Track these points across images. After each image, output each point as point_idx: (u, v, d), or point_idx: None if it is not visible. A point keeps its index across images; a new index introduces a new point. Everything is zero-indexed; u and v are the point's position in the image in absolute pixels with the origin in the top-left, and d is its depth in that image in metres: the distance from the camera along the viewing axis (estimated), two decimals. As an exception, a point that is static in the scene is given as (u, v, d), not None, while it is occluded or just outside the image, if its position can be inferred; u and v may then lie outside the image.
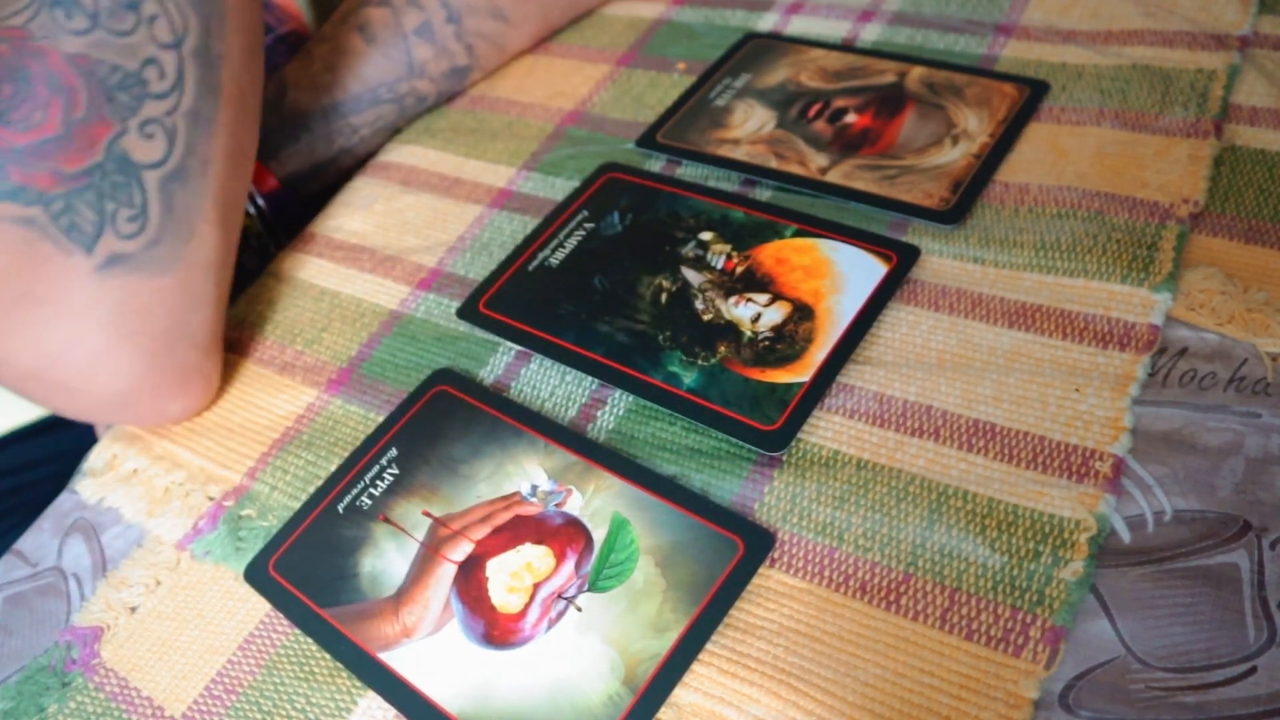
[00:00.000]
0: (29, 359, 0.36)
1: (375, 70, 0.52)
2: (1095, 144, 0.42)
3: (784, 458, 0.34)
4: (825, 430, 0.34)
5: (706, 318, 0.38)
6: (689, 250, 0.41)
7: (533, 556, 0.33)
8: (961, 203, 0.40)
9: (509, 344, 0.41)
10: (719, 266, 0.40)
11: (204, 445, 0.41)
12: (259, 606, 0.35)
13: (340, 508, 0.36)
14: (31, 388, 0.38)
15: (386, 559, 0.34)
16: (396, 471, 0.36)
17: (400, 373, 0.41)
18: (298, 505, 0.37)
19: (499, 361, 0.40)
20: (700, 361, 0.37)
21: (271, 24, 0.63)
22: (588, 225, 0.44)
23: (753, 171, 0.44)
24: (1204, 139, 0.40)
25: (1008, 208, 0.40)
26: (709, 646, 0.30)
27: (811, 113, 0.46)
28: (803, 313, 0.37)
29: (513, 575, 0.32)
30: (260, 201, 0.51)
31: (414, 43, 0.52)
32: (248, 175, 0.40)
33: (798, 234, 0.41)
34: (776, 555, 0.32)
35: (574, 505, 0.34)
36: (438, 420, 0.38)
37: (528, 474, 0.35)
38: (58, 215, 0.35)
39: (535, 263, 0.43)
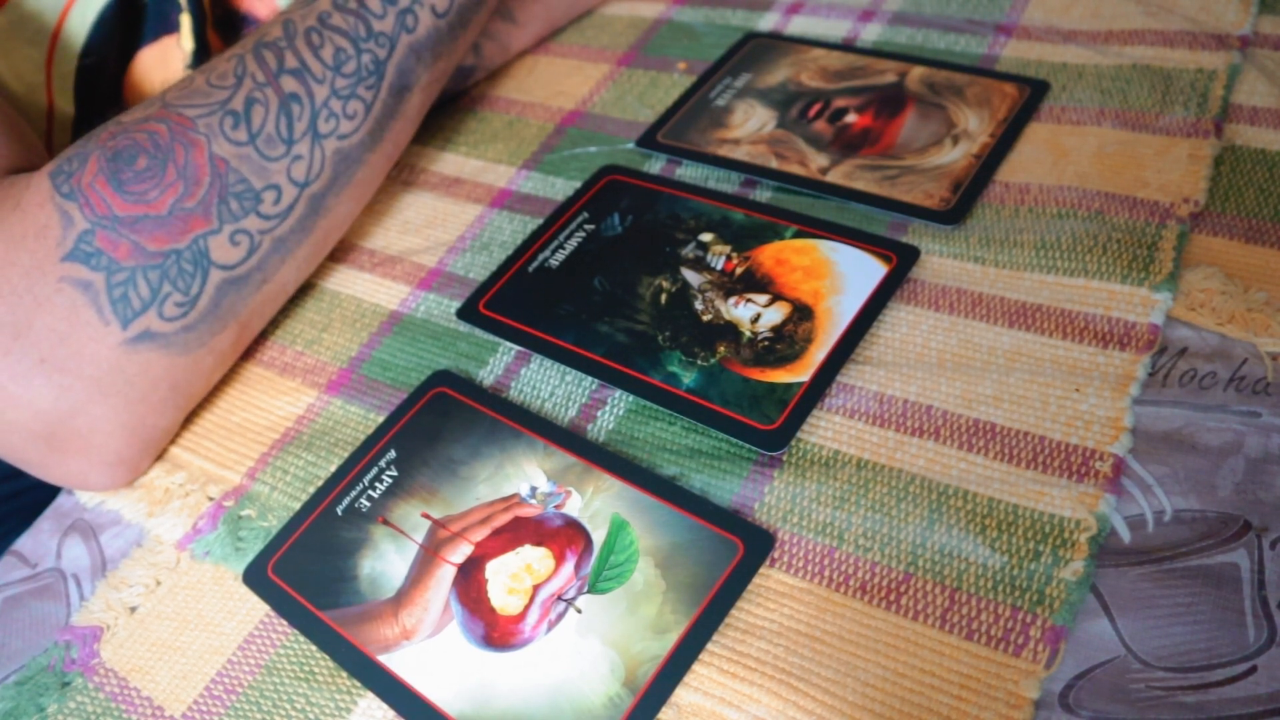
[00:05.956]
0: (14, 415, 0.36)
1: None
2: (1095, 144, 0.42)
3: (784, 458, 0.34)
4: (825, 430, 0.34)
5: (706, 318, 0.38)
6: (689, 251, 0.41)
7: (532, 558, 0.33)
8: (962, 203, 0.40)
9: (509, 344, 0.41)
10: (719, 267, 0.40)
11: (204, 446, 0.41)
12: (259, 607, 0.35)
13: (339, 510, 0.36)
14: None
15: (386, 561, 0.34)
16: (395, 473, 0.36)
17: (400, 373, 0.41)
18: (298, 506, 0.37)
19: (499, 362, 0.40)
20: (700, 361, 0.37)
21: None
22: (588, 227, 0.44)
23: (753, 171, 0.44)
24: (1204, 139, 0.40)
25: (1008, 208, 0.40)
26: (709, 647, 0.30)
27: (812, 113, 0.46)
28: (802, 313, 0.37)
29: (512, 577, 0.32)
30: None
31: None
32: (286, 298, 0.43)
33: (798, 235, 0.41)
34: (776, 555, 0.32)
35: (573, 507, 0.34)
36: (437, 422, 0.38)
37: (527, 475, 0.35)
38: (114, 286, 0.36)
39: (535, 264, 0.43)
